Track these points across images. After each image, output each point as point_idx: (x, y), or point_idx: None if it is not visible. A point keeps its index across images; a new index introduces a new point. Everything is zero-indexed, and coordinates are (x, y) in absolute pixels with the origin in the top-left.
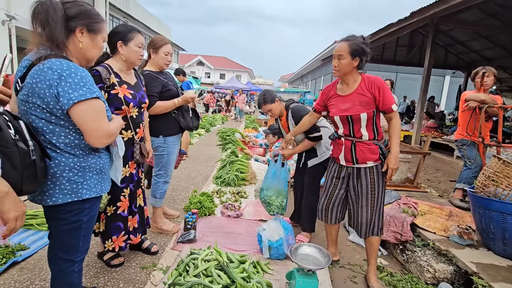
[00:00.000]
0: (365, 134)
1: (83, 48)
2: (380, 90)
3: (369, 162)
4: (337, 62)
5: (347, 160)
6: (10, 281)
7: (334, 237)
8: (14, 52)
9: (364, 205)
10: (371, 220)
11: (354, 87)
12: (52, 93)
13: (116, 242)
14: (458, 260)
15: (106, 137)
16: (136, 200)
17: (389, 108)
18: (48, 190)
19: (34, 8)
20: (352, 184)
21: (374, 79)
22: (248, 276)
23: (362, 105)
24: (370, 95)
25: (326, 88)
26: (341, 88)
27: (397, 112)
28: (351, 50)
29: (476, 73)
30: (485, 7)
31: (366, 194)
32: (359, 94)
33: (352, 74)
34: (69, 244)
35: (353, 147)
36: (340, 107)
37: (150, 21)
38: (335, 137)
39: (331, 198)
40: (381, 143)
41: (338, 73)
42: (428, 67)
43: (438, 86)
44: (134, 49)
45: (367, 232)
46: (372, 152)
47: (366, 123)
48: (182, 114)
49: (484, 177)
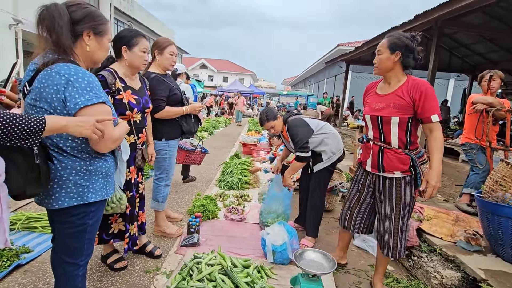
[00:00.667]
0: (395, 140)
1: (90, 52)
2: (422, 95)
3: (397, 173)
4: (376, 58)
5: (373, 166)
6: (14, 284)
7: (346, 243)
8: (20, 56)
9: (387, 219)
10: (393, 238)
11: (395, 87)
12: (60, 97)
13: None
14: (466, 267)
15: (111, 142)
16: (135, 207)
17: (428, 118)
18: (54, 193)
19: (39, 14)
20: (378, 194)
21: (419, 82)
22: (252, 281)
23: (397, 108)
24: (409, 99)
25: (369, 85)
26: (382, 86)
27: (438, 124)
28: (389, 44)
29: (482, 76)
30: (489, 10)
31: (390, 207)
32: (397, 96)
33: (395, 73)
34: (73, 248)
35: (381, 153)
36: (373, 106)
37: (154, 24)
38: (364, 140)
39: (355, 205)
40: (413, 153)
41: (377, 70)
42: (433, 70)
43: (442, 89)
44: (138, 54)
45: (388, 250)
46: (402, 162)
47: (397, 128)
48: (185, 118)
49: (492, 182)
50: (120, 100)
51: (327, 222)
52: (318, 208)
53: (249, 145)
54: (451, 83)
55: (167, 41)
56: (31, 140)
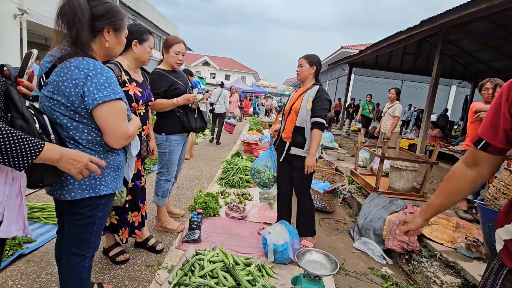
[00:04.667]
0: None
1: (109, 47)
2: None
3: None
4: None
5: None
6: (16, 273)
7: None
8: (24, 46)
9: None
10: None
11: None
12: (78, 92)
13: (124, 234)
14: (467, 273)
15: (125, 139)
16: (140, 196)
17: None
18: (68, 185)
19: (60, 8)
20: None
21: None
22: (254, 279)
23: None
24: None
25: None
26: None
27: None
28: None
29: (482, 85)
30: (495, 18)
31: None
32: None
33: None
34: (82, 239)
35: None
36: None
37: (159, 20)
38: None
39: None
40: None
41: None
42: (436, 76)
43: (444, 96)
44: (147, 50)
45: None
46: None
47: None
48: (186, 113)
49: (495, 190)
50: (126, 92)
51: (328, 224)
52: (310, 210)
53: (250, 144)
54: (453, 90)
55: (173, 39)
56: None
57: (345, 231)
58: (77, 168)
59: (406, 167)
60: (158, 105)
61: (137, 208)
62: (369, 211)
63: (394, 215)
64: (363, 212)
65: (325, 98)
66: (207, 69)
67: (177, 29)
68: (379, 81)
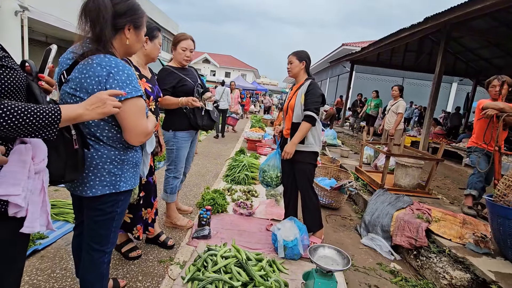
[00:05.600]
0: None
1: (129, 45)
2: None
3: None
4: None
5: None
6: (32, 269)
7: None
8: (25, 43)
9: None
10: None
11: None
12: (101, 89)
13: (139, 232)
14: (476, 268)
15: (144, 136)
16: (152, 192)
17: None
18: (89, 181)
19: (85, 4)
20: None
21: None
22: (266, 274)
23: None
24: None
25: None
26: None
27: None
28: None
29: (489, 82)
30: (498, 15)
31: None
32: None
33: None
34: (101, 235)
35: None
36: None
37: (159, 17)
38: None
39: None
40: None
41: None
42: (439, 73)
43: (445, 93)
44: (157, 46)
45: None
46: None
47: None
48: (193, 111)
49: (504, 186)
50: None
51: (334, 220)
52: (315, 205)
53: (254, 141)
54: (454, 87)
55: (181, 36)
56: (49, 131)
57: (352, 228)
58: (105, 106)
59: (411, 164)
60: (165, 101)
61: (150, 204)
62: (375, 207)
63: (401, 211)
64: (370, 208)
65: (316, 91)
66: (207, 66)
67: (177, 26)
68: (380, 78)
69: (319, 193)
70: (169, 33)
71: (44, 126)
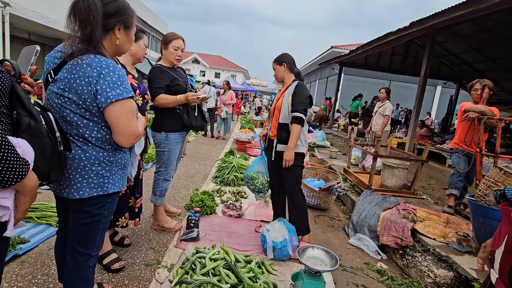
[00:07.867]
0: None
1: (119, 45)
2: None
3: None
4: None
5: None
6: (11, 275)
7: None
8: (6, 40)
9: None
10: None
11: None
12: (91, 90)
13: (127, 219)
14: (459, 266)
15: (134, 138)
16: (139, 185)
17: None
18: (76, 183)
19: (74, 4)
20: None
21: None
22: (255, 276)
23: None
24: None
25: None
26: None
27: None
28: None
29: (472, 85)
30: (480, 21)
31: None
32: None
33: None
34: (87, 238)
35: None
36: None
37: (147, 16)
38: None
39: None
40: None
41: None
42: (424, 76)
43: (429, 96)
44: (142, 47)
45: None
46: None
47: None
48: (187, 111)
49: (485, 187)
50: None
51: (323, 221)
52: (302, 207)
53: (243, 142)
54: (438, 90)
55: (172, 35)
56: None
57: (340, 228)
58: (29, 205)
59: (398, 165)
60: (161, 100)
61: (135, 196)
62: (363, 208)
63: (388, 211)
64: (357, 209)
65: (304, 92)
66: (197, 66)
67: (166, 25)
68: (368, 80)
69: (308, 194)
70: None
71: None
